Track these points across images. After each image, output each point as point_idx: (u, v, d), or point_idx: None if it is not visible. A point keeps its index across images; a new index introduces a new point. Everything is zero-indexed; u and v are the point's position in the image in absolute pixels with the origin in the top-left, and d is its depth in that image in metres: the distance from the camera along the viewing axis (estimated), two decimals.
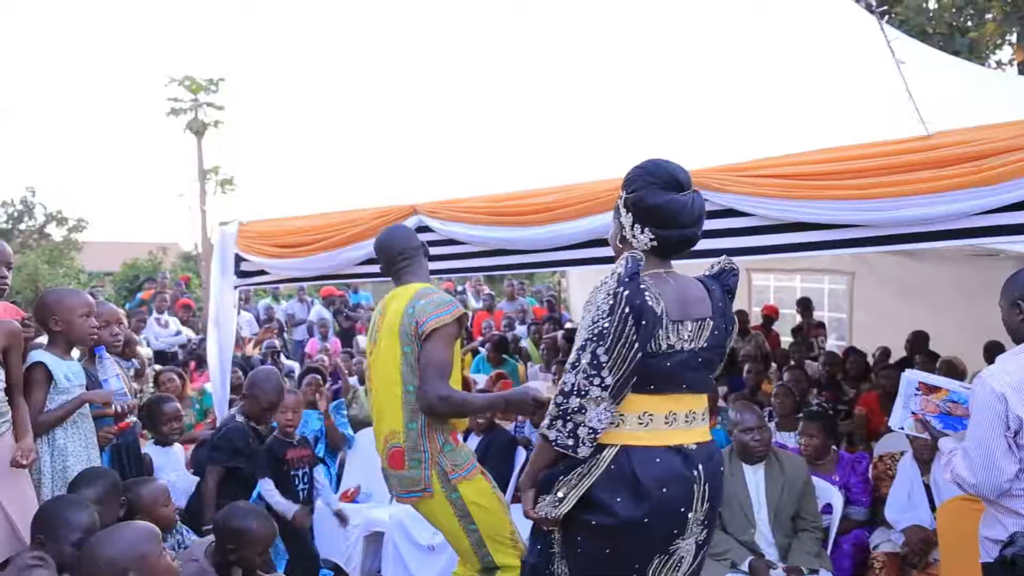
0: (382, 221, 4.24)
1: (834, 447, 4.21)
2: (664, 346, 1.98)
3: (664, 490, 1.97)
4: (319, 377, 5.63)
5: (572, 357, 1.98)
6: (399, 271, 2.94)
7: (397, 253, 2.93)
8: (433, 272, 4.62)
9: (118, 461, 3.29)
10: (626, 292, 1.92)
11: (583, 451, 1.98)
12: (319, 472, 4.24)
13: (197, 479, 4.06)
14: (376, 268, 4.47)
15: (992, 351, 6.23)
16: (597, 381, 1.92)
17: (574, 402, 1.95)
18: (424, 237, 4.23)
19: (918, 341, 6.61)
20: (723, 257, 2.24)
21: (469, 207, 3.95)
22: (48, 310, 2.87)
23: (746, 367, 5.96)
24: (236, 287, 4.94)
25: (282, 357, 8.62)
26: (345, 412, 5.75)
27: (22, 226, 23.50)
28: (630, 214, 2.06)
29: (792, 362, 6.96)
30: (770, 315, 8.21)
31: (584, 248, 3.65)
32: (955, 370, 5.29)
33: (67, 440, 2.85)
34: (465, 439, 4.38)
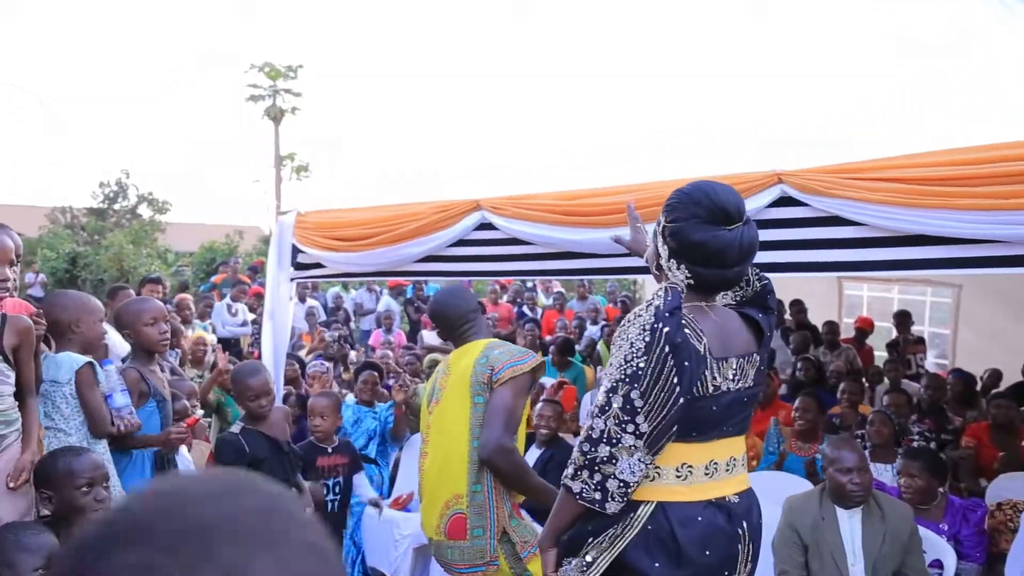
0: (442, 216, 3.96)
1: (940, 489, 3.69)
2: (711, 388, 1.76)
3: (707, 553, 1.76)
4: (376, 373, 5.40)
5: (600, 399, 1.74)
6: (461, 335, 2.76)
7: (457, 318, 2.76)
8: (495, 274, 4.31)
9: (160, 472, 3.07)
10: (665, 328, 1.68)
11: (612, 507, 1.75)
12: (359, 477, 4.01)
13: None
14: (434, 266, 4.25)
15: None
16: (631, 428, 1.70)
17: (603, 451, 1.72)
18: (486, 235, 3.95)
19: None
20: (753, 271, 1.94)
21: (537, 204, 3.62)
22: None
23: (841, 387, 5.39)
24: (292, 279, 4.75)
25: (347, 347, 8.50)
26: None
27: (116, 206, 24.51)
28: (666, 246, 1.82)
29: (887, 380, 6.40)
30: (863, 328, 7.57)
31: None
32: None
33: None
34: (524, 452, 4.07)
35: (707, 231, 1.74)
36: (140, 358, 3.05)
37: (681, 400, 1.70)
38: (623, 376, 1.71)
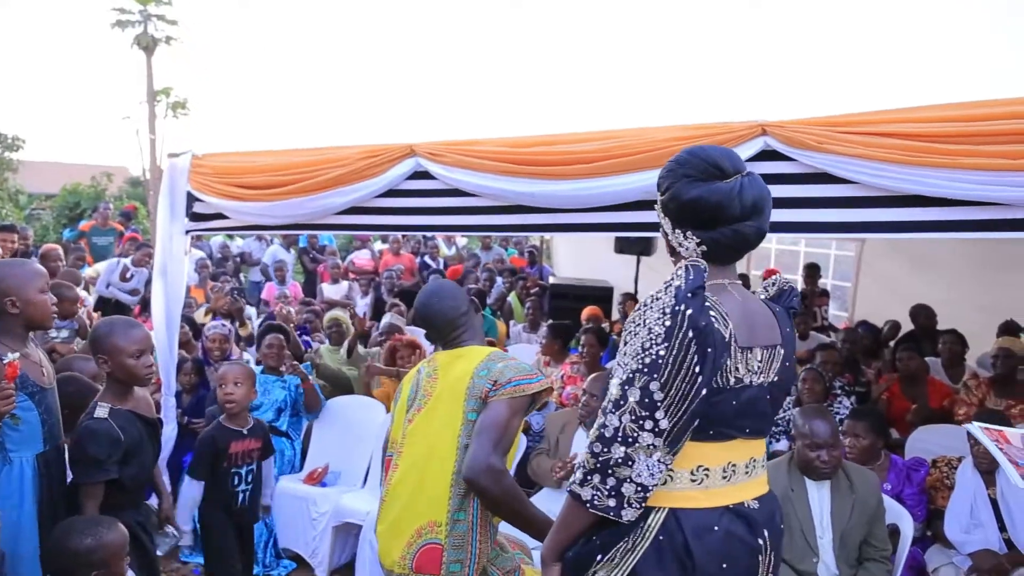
0: (371, 162, 3.50)
1: (884, 450, 3.69)
2: (732, 380, 1.60)
3: (724, 567, 1.60)
4: (281, 336, 4.88)
5: (614, 392, 1.56)
6: (453, 340, 2.40)
7: (448, 323, 2.39)
8: (430, 228, 3.89)
9: (47, 489, 2.46)
10: (688, 311, 1.52)
11: (628, 514, 1.58)
12: (268, 465, 3.54)
13: None
14: (360, 219, 3.79)
15: (1011, 331, 5.81)
16: (649, 425, 1.53)
17: (618, 451, 1.54)
18: (422, 185, 3.52)
19: (919, 315, 6.18)
20: (777, 276, 1.85)
21: (483, 152, 3.23)
22: None
23: None
24: (188, 232, 4.13)
25: (242, 300, 7.79)
26: (313, 373, 5.06)
27: None
28: (667, 217, 1.70)
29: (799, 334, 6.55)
30: None
31: (630, 210, 2.97)
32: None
33: None
34: None
35: (701, 186, 1.62)
36: (11, 336, 2.41)
37: (704, 392, 1.53)
38: (640, 366, 1.53)
